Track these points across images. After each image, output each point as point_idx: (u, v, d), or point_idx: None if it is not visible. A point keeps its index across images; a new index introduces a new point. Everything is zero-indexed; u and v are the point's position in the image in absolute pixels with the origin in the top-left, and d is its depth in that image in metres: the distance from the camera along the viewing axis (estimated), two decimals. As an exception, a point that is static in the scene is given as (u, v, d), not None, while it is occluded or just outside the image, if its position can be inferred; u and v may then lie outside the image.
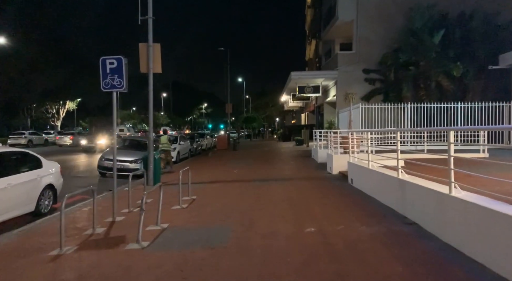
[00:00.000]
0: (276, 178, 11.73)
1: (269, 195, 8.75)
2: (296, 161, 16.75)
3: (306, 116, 40.72)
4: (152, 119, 11.76)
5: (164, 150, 16.03)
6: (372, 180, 7.87)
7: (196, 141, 25.75)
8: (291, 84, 24.26)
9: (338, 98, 21.89)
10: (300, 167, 14.61)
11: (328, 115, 26.15)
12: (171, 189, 10.10)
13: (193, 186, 10.77)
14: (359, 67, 21.32)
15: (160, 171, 12.05)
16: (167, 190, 10.24)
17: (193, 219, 6.71)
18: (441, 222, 4.74)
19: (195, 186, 10.72)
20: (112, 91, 7.06)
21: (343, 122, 19.79)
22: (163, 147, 16.12)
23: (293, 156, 18.98)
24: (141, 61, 11.53)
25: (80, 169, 16.58)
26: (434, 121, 15.83)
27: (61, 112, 59.71)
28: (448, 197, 4.49)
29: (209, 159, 20.40)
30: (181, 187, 8.42)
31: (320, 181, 10.81)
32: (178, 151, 19.74)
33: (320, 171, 13.06)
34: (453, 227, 4.44)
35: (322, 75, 22.33)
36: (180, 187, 8.13)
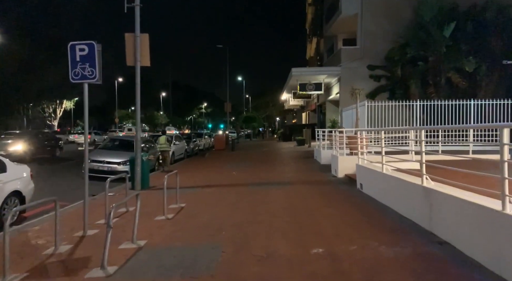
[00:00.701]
0: (275, 182, 10.66)
1: (268, 203, 7.68)
2: (298, 162, 15.68)
3: (307, 115, 39.64)
4: (139, 117, 10.69)
5: (162, 151, 15.19)
6: (388, 187, 6.80)
7: (193, 141, 24.70)
8: (291, 81, 23.18)
9: (341, 96, 20.82)
10: (302, 169, 13.54)
11: (331, 114, 25.05)
12: (159, 195, 9.08)
13: (184, 191, 9.73)
14: (363, 63, 20.25)
15: (148, 174, 10.99)
16: (155, 195, 9.19)
17: (177, 234, 5.65)
18: (490, 248, 3.66)
19: (186, 191, 9.67)
20: (83, 82, 6.01)
21: (347, 121, 18.72)
22: (161, 147, 15.23)
23: (294, 156, 17.91)
24: (127, 53, 10.46)
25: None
26: (445, 120, 14.76)
27: (58, 112, 58.71)
28: (501, 216, 3.43)
29: (205, 160, 19.34)
30: (172, 193, 7.38)
31: (325, 186, 9.74)
32: (172, 152, 18.68)
33: (324, 174, 12.00)
34: (510, 256, 3.37)
35: (324, 72, 21.25)
36: (165, 193, 7.06)
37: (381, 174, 7.06)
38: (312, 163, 15.00)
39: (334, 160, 11.73)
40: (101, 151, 13.84)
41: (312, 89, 22.23)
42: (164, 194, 7.00)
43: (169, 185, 10.81)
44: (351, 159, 11.04)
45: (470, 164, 5.30)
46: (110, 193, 9.72)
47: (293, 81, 22.88)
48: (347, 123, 18.67)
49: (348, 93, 20.07)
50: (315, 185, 9.95)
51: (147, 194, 9.47)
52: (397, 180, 6.21)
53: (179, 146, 20.13)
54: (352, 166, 10.93)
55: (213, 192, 9.38)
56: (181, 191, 9.65)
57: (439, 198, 4.78)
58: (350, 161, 10.98)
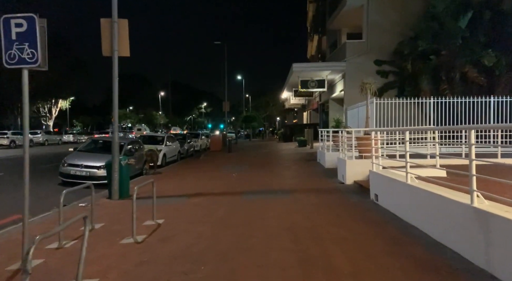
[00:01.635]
0: (274, 190, 9.25)
1: (265, 220, 6.27)
2: (299, 166, 14.26)
3: (309, 115, 38.23)
4: (117, 115, 9.28)
5: (150, 150, 14.00)
6: (415, 202, 5.38)
7: (188, 142, 23.31)
8: (292, 78, 21.75)
9: (346, 93, 19.40)
10: (304, 174, 12.12)
11: (334, 113, 23.62)
12: (138, 206, 7.70)
13: (167, 201, 8.36)
14: (369, 58, 18.83)
15: (128, 181, 9.59)
16: (131, 208, 7.81)
17: (141, 269, 4.24)
18: None
19: (170, 201, 8.31)
20: (20, 68, 4.61)
21: (352, 120, 17.32)
22: (150, 146, 14.08)
23: (295, 159, 16.49)
24: (103, 41, 9.05)
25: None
26: (462, 118, 13.36)
27: (54, 111, 57.38)
28: None
29: (199, 162, 17.94)
30: (155, 203, 6.01)
31: (332, 195, 8.32)
32: (164, 153, 17.31)
33: (330, 180, 10.59)
34: None
35: (328, 67, 19.81)
36: (134, 208, 5.65)
37: (406, 185, 5.64)
38: (315, 167, 13.58)
39: (341, 164, 10.32)
40: (80, 154, 12.43)
41: (315, 86, 20.79)
42: (133, 209, 5.58)
43: (150, 193, 9.39)
44: (362, 163, 9.64)
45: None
46: (82, 204, 8.34)
47: (294, 78, 21.45)
48: (352, 123, 17.27)
49: (353, 91, 18.66)
50: (320, 194, 8.53)
51: (124, 205, 8.09)
52: (431, 196, 4.79)
53: (171, 147, 18.75)
54: (362, 171, 9.54)
55: (201, 203, 7.97)
56: (164, 201, 8.28)
57: (501, 226, 3.38)
58: (360, 166, 9.59)
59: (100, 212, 7.40)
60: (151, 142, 18.19)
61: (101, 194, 9.69)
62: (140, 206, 7.44)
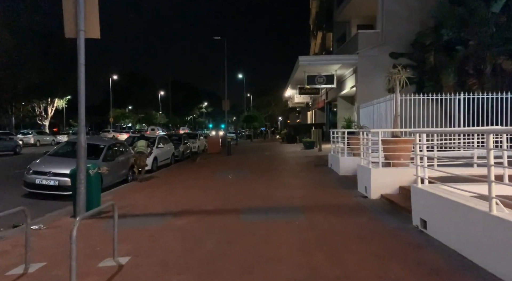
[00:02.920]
0: (282, 206, 7.33)
1: (270, 261, 4.34)
2: (309, 172, 12.31)
3: (313, 114, 36.28)
4: (83, 113, 7.35)
5: (139, 152, 12.24)
6: (508, 245, 3.44)
7: (185, 143, 21.40)
8: (298, 73, 19.79)
9: (358, 90, 17.48)
10: (316, 183, 10.18)
11: (343, 112, 21.70)
12: (107, 229, 5.91)
13: (146, 221, 6.53)
14: (384, 51, 16.91)
15: (99, 194, 7.68)
16: (101, 230, 5.92)
17: None
18: None
19: (148, 223, 6.46)
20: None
21: (366, 119, 15.41)
22: (139, 148, 12.30)
23: (302, 164, 14.53)
24: (66, 19, 7.14)
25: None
26: (491, 118, 11.45)
27: (49, 111, 55.59)
28: None
29: (194, 166, 16.03)
30: (116, 235, 4.12)
31: (359, 217, 6.37)
32: (154, 157, 15.42)
33: (348, 192, 8.66)
34: None
35: (338, 61, 17.84)
36: (73, 247, 3.74)
37: (488, 217, 3.70)
38: (327, 173, 11.64)
39: (363, 173, 8.39)
40: (49, 159, 10.52)
41: (323, 82, 18.85)
42: (72, 250, 3.66)
43: (129, 207, 7.56)
44: (391, 173, 7.73)
45: None
46: (34, 226, 6.44)
47: (300, 74, 19.50)
48: (366, 123, 15.37)
49: (366, 87, 16.80)
50: (342, 213, 6.59)
51: (89, 228, 6.22)
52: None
53: (164, 150, 16.84)
54: (391, 183, 7.63)
55: (186, 227, 6.06)
56: (140, 223, 6.42)
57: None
58: (389, 176, 7.68)
59: (51, 239, 5.57)
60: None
61: (66, 210, 7.86)
62: (108, 230, 5.62)
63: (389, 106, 12.77)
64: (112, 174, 11.18)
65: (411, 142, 8.22)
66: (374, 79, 17.13)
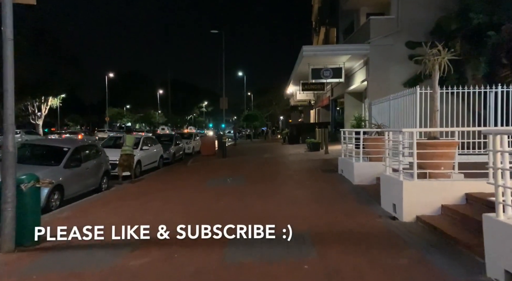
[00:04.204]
0: (280, 236, 5.32)
1: None
2: (315, 181, 10.29)
3: (317, 113, 34.27)
4: (12, 106, 5.39)
5: (125, 154, 10.54)
6: None
7: (177, 144, 19.44)
8: (301, 66, 17.76)
9: (370, 84, 15.48)
10: (326, 197, 8.17)
11: (350, 110, 19.71)
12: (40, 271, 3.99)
13: (90, 259, 4.54)
14: (400, 39, 14.93)
15: (38, 217, 5.70)
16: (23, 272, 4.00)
17: None
18: None
19: (90, 262, 4.44)
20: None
21: (381, 117, 13.47)
22: (124, 151, 10.94)
23: (308, 169, 12.49)
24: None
25: None
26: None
27: (43, 110, 53.76)
28: None
29: (183, 172, 14.09)
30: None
31: (392, 255, 4.37)
32: (138, 160, 13.51)
33: (369, 209, 6.68)
34: None
35: (346, 51, 15.80)
36: None
37: None
38: (339, 182, 9.62)
39: (391, 186, 6.40)
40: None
41: (329, 76, 16.85)
42: None
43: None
44: (431, 187, 5.76)
45: None
46: None
47: (304, 66, 17.47)
48: (381, 121, 13.43)
49: (379, 80, 14.80)
50: (370, 248, 4.61)
51: (15, 268, 4.30)
52: None
53: (149, 152, 14.89)
54: (431, 201, 5.68)
55: (141, 275, 4.10)
56: (80, 261, 4.48)
57: None
58: (429, 192, 5.72)
59: None
60: (117, 146, 14.36)
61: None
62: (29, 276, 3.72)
63: (410, 102, 10.85)
64: (78, 183, 9.29)
65: (454, 145, 6.25)
66: (388, 72, 15.16)
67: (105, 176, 10.77)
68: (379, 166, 9.14)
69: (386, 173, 6.74)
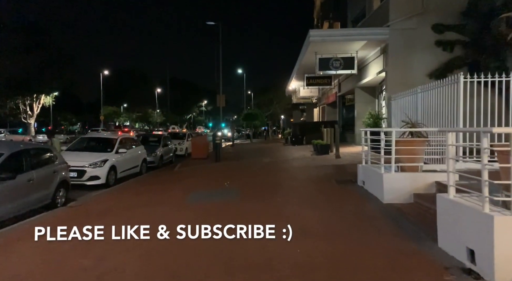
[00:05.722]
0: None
1: None
2: (331, 197, 7.88)
3: (321, 111, 31.92)
4: None
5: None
6: None
7: (165, 145, 17.11)
8: (307, 56, 15.36)
9: (389, 75, 13.13)
10: (349, 225, 5.78)
11: (362, 107, 17.39)
12: None
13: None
14: (425, 22, 12.60)
15: None
16: None
17: None
18: None
19: None
20: None
21: (402, 113, 11.14)
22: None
23: (318, 179, 10.02)
24: None
25: None
26: None
27: (35, 108, 51.56)
28: None
29: (166, 180, 11.73)
30: None
31: None
32: (112, 166, 11.24)
33: (421, 252, 4.34)
34: None
35: (361, 36, 13.35)
36: None
37: None
38: (362, 200, 7.24)
39: (463, 221, 4.03)
40: None
41: (339, 67, 14.47)
42: None
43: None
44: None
45: None
46: None
47: (310, 56, 15.08)
48: (400, 118, 11.10)
49: (400, 70, 12.47)
50: None
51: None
52: None
53: (128, 156, 12.57)
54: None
55: None
56: None
57: None
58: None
59: None
60: (92, 149, 12.10)
61: None
62: None
63: (448, 94, 8.51)
64: (15, 200, 6.97)
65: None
66: (411, 61, 12.82)
67: (61, 188, 8.47)
68: (416, 178, 6.87)
69: (449, 196, 4.39)
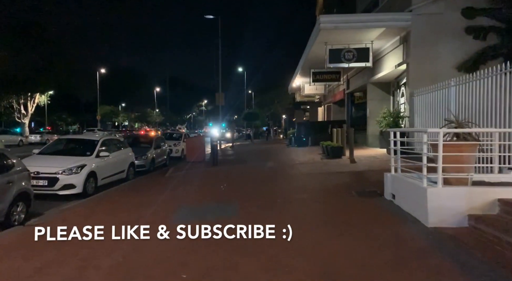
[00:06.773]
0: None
1: None
2: (353, 218, 6.20)
3: (325, 110, 30.28)
4: None
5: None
6: None
7: (158, 147, 15.50)
8: (315, 47, 13.69)
9: (411, 68, 11.48)
10: (386, 261, 4.17)
11: (375, 105, 15.76)
12: None
13: None
14: (453, 6, 10.95)
15: None
16: None
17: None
18: None
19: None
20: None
21: (427, 112, 9.51)
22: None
23: (333, 190, 8.33)
24: None
25: None
26: None
27: (30, 108, 50.14)
28: None
29: (152, 189, 10.07)
30: None
31: None
32: (91, 171, 9.65)
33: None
34: None
35: (380, 23, 11.66)
36: None
37: None
38: (396, 222, 5.60)
39: None
40: None
41: (352, 59, 12.82)
42: None
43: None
44: None
45: None
46: None
47: (318, 47, 13.41)
48: (433, 118, 9.50)
49: (425, 61, 10.84)
50: None
51: None
52: None
53: (112, 160, 10.95)
54: None
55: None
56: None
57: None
58: None
59: None
60: (68, 152, 10.47)
61: None
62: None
63: (492, 88, 6.99)
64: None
65: None
66: (436, 51, 11.20)
67: (19, 202, 6.87)
68: (471, 195, 5.24)
69: None
